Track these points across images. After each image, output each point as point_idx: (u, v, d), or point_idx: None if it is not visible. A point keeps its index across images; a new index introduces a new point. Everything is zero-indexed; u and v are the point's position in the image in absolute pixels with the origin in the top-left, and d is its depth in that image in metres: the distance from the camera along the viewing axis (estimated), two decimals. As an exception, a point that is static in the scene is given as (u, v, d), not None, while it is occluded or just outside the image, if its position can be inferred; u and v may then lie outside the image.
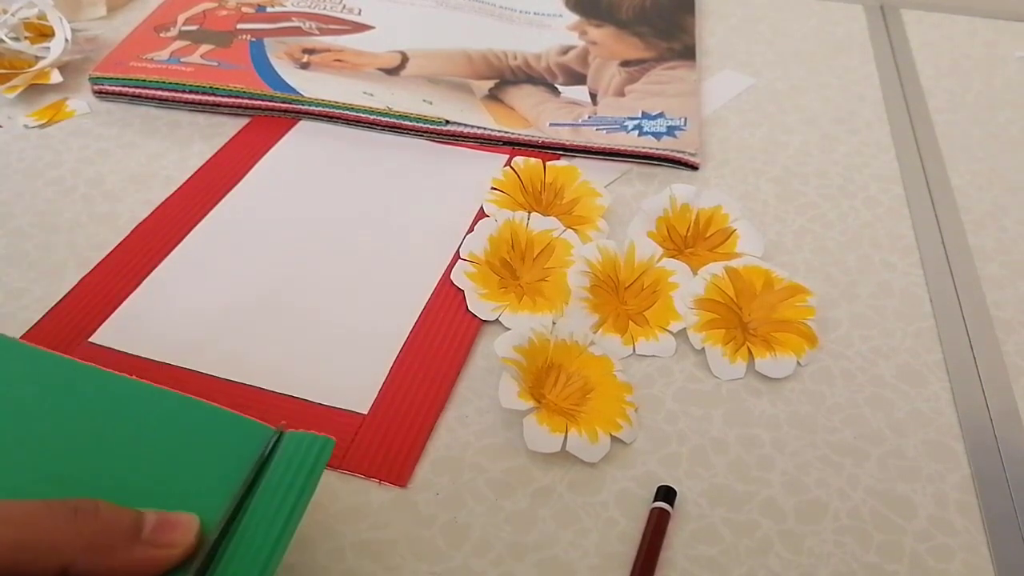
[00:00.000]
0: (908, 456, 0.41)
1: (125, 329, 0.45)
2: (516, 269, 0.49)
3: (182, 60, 0.61)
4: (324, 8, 0.69)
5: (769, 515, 0.39)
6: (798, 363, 0.45)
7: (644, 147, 0.58)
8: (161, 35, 0.64)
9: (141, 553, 0.29)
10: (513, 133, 0.58)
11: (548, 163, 0.55)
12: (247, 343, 0.45)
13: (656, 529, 0.37)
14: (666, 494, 0.38)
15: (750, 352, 0.45)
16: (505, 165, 0.56)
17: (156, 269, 0.49)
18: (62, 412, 0.34)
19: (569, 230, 0.49)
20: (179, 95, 0.60)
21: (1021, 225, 0.55)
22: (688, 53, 0.68)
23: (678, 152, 0.58)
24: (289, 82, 0.60)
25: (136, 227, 0.51)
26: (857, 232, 0.54)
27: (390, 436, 0.41)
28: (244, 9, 0.68)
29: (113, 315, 0.46)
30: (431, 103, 0.60)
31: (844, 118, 0.64)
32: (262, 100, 0.59)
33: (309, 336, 0.45)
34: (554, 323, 0.44)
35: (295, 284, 0.48)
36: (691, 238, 0.51)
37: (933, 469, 0.41)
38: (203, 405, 0.34)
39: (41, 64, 0.62)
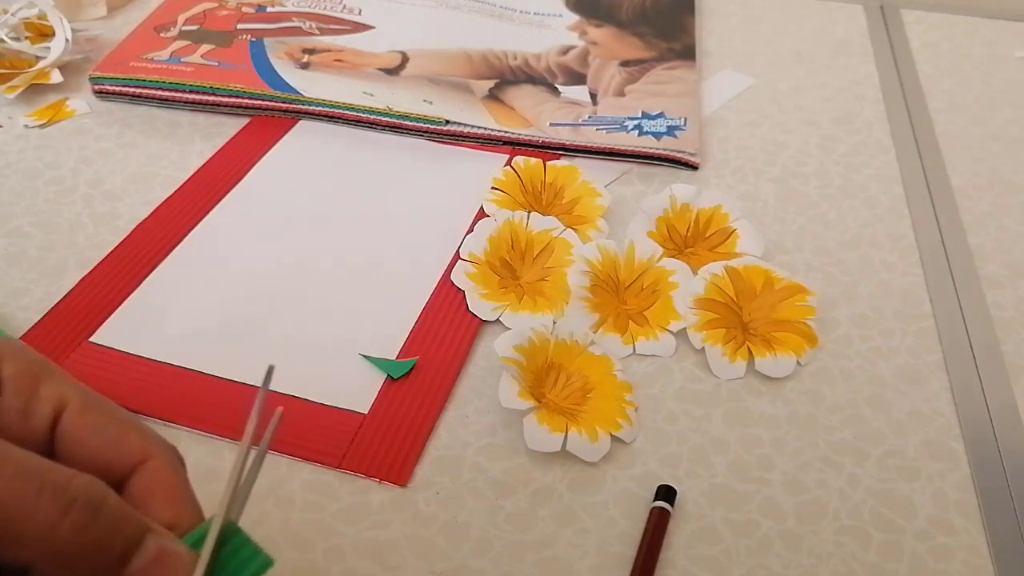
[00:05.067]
0: (908, 456, 0.41)
1: (125, 329, 0.45)
2: (516, 269, 0.49)
3: (182, 60, 0.61)
4: (324, 8, 0.69)
5: (769, 515, 0.39)
6: (798, 363, 0.45)
7: (644, 147, 0.58)
8: (161, 35, 0.64)
9: None
10: (513, 133, 0.58)
11: (548, 163, 0.55)
12: (247, 343, 0.45)
13: (656, 529, 0.37)
14: (666, 493, 0.38)
15: (750, 352, 0.45)
16: (505, 165, 0.56)
17: (156, 269, 0.49)
18: None
19: (569, 230, 0.49)
20: (179, 95, 0.60)
21: (1021, 225, 0.55)
22: (688, 53, 0.68)
23: (678, 152, 0.58)
24: (289, 82, 0.60)
25: (136, 227, 0.51)
26: (857, 232, 0.54)
27: (390, 436, 0.41)
28: (244, 9, 0.68)
29: (113, 315, 0.46)
30: (431, 103, 0.60)
31: (844, 118, 0.64)
32: (262, 100, 0.59)
33: (309, 336, 0.45)
34: (554, 323, 0.44)
35: (295, 284, 0.48)
36: (691, 238, 0.51)
37: (933, 469, 0.41)
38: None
39: (41, 64, 0.62)
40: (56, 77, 0.61)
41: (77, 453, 0.25)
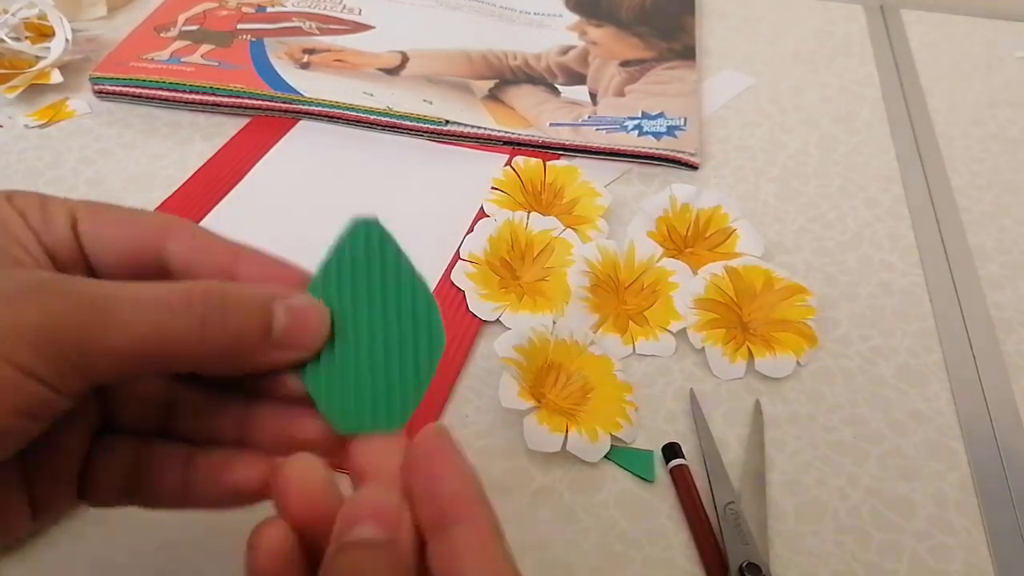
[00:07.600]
0: (908, 456, 0.41)
1: (125, 329, 0.45)
2: (516, 269, 0.49)
3: (182, 60, 0.61)
4: (324, 8, 0.69)
5: (769, 515, 0.39)
6: (798, 363, 0.45)
7: (644, 147, 0.58)
8: (161, 35, 0.64)
9: (268, 358, 0.28)
10: (513, 133, 0.58)
11: (548, 163, 0.55)
12: (247, 343, 0.45)
13: (686, 484, 0.39)
14: (673, 451, 0.40)
15: (750, 352, 0.45)
16: (505, 165, 0.56)
17: (156, 269, 0.49)
18: None
19: (569, 230, 0.49)
20: (179, 95, 0.60)
21: (1021, 225, 0.55)
22: (688, 53, 0.68)
23: (678, 152, 0.58)
24: (289, 82, 0.60)
25: (136, 227, 0.51)
26: (857, 232, 0.54)
27: (390, 436, 0.41)
28: (244, 9, 0.68)
29: (113, 315, 0.46)
30: (431, 103, 0.60)
31: (844, 118, 0.64)
32: (262, 100, 0.59)
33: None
34: (554, 323, 0.44)
35: (295, 284, 0.48)
36: (691, 238, 0.51)
37: (933, 469, 0.41)
38: None
39: (41, 64, 0.62)
40: (56, 77, 0.61)
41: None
